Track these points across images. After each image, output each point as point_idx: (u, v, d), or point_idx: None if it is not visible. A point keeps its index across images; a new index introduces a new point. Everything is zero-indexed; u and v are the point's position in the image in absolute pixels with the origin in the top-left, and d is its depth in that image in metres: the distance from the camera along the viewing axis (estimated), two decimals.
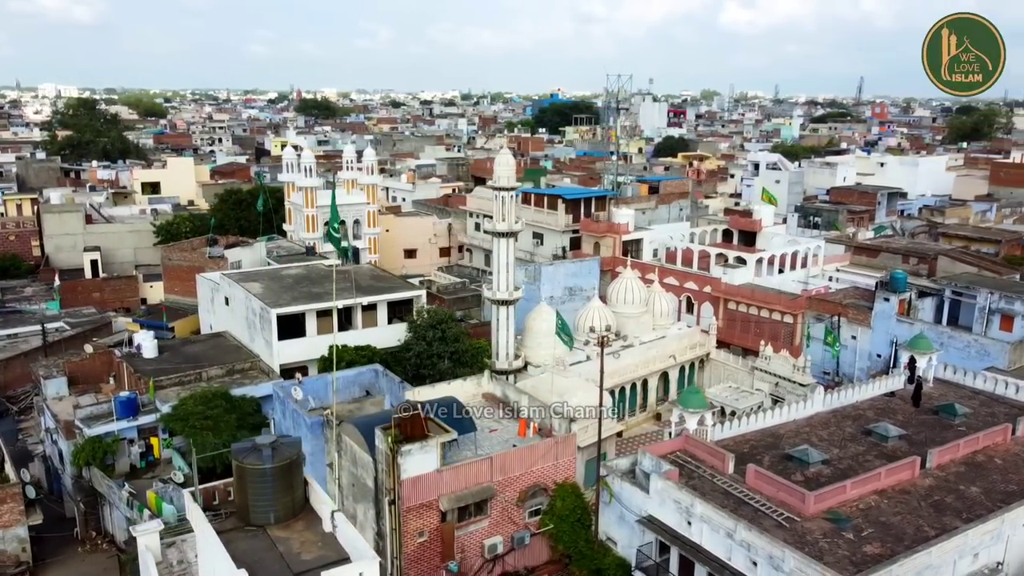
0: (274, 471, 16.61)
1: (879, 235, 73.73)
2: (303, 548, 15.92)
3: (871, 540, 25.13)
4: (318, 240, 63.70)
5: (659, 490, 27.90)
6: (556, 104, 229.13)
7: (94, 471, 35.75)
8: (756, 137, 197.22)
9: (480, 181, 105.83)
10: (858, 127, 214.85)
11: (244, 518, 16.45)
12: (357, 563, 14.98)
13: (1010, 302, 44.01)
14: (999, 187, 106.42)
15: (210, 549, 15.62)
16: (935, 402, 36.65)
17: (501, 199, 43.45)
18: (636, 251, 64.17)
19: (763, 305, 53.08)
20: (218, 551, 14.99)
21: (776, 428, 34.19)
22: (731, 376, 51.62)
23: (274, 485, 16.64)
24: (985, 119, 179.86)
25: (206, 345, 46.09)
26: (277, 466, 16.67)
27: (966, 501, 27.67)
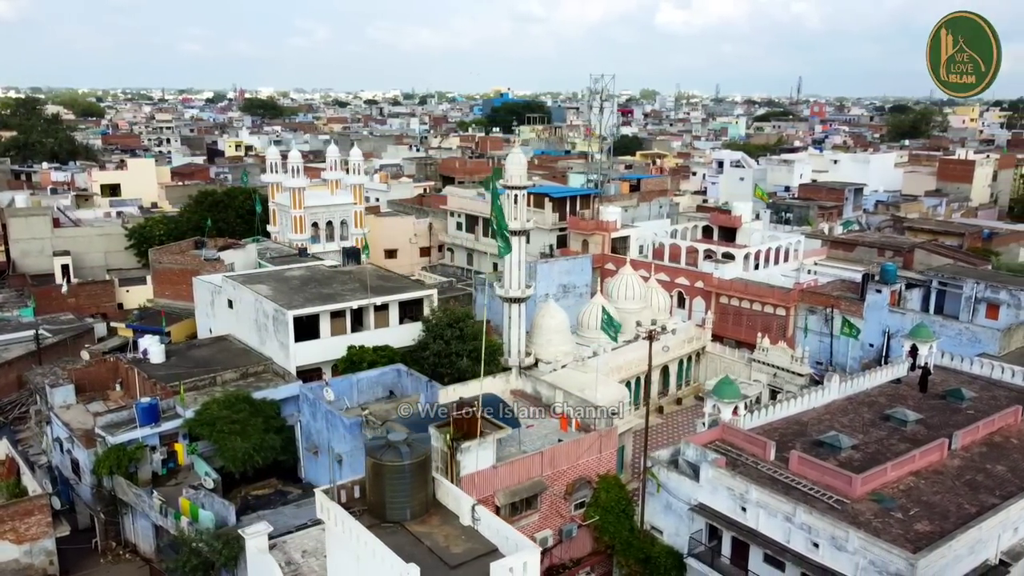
0: (411, 467, 16.76)
1: (847, 230, 76.40)
2: (448, 542, 16.12)
3: (919, 519, 26.43)
4: (306, 241, 63.08)
5: (711, 478, 28.73)
6: (508, 103, 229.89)
7: (118, 480, 34.92)
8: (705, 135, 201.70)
9: (448, 180, 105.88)
10: (800, 125, 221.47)
11: (379, 515, 16.55)
12: (520, 552, 15.28)
13: (995, 291, 46.39)
14: (946, 182, 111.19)
15: (360, 548, 15.67)
16: (939, 387, 38.48)
17: (513, 197, 43.82)
18: (623, 248, 65.22)
19: (756, 299, 54.64)
20: (376, 549, 15.07)
21: (799, 416, 35.45)
22: (727, 368, 52.86)
23: (411, 481, 16.79)
24: (922, 118, 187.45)
25: (212, 349, 45.30)
26: (414, 462, 16.83)
27: (995, 479, 29.27)
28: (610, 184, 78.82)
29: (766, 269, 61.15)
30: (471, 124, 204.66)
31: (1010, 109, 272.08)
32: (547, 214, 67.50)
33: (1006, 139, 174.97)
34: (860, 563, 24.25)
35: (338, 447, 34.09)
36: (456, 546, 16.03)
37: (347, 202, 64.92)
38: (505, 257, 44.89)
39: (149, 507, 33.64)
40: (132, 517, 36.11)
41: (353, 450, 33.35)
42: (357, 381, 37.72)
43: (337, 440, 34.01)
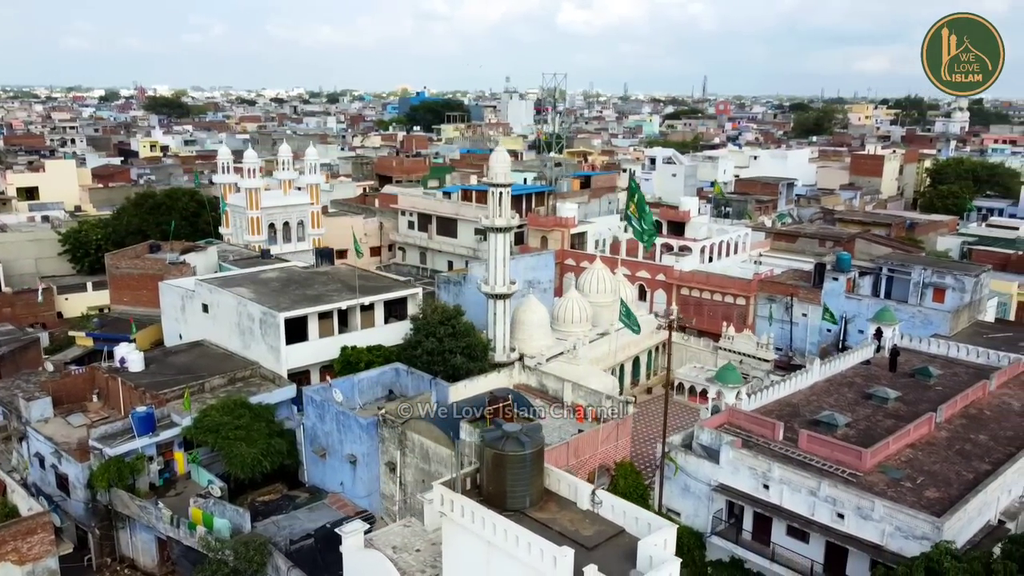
0: (531, 456, 17.17)
1: (781, 222, 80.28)
2: (575, 526, 16.63)
3: (926, 487, 28.56)
4: (263, 242, 61.74)
5: (731, 459, 30.15)
6: (426, 102, 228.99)
7: (118, 493, 33.69)
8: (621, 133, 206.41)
9: (385, 179, 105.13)
10: (710, 123, 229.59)
11: (499, 504, 16.89)
12: (661, 531, 15.98)
13: (941, 276, 49.95)
14: (859, 176, 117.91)
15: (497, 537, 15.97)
16: (906, 367, 41.29)
17: (497, 195, 44.35)
18: (581, 243, 66.62)
19: (717, 289, 56.93)
20: (521, 535, 15.41)
21: (788, 398, 37.40)
22: (693, 357, 55.08)
23: (531, 469, 17.21)
24: (825, 115, 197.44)
25: (191, 355, 43.96)
26: (534, 451, 17.25)
27: (981, 447, 31.86)
28: (562, 181, 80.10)
29: (718, 261, 63.76)
30: (391, 123, 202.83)
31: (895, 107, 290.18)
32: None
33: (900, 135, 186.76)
34: (886, 529, 26.08)
35: (352, 448, 34.04)
36: (585, 529, 16.58)
37: (304, 202, 63.84)
38: (490, 254, 45.50)
39: (156, 519, 32.62)
40: (130, 531, 34.91)
41: (369, 450, 33.34)
42: (358, 381, 37.50)
43: (352, 441, 33.84)
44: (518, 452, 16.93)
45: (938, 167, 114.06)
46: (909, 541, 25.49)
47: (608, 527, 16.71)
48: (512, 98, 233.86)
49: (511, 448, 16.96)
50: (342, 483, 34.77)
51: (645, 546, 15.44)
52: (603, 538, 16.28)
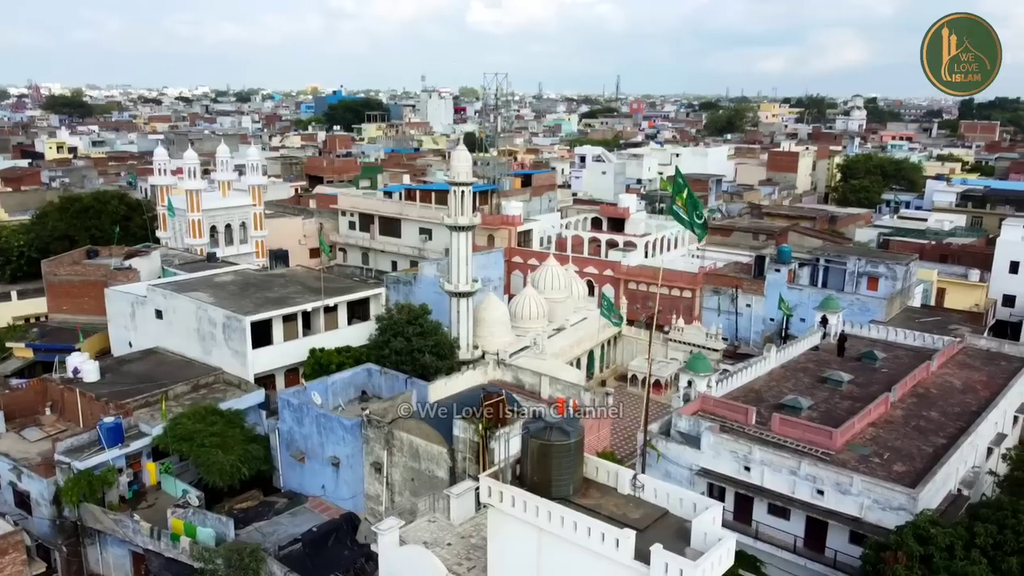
0: (575, 445, 17.69)
1: (712, 217, 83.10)
2: (620, 510, 17.21)
3: (893, 462, 30.52)
4: (205, 245, 60.05)
5: (712, 444, 31.44)
6: (345, 101, 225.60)
7: (88, 508, 32.45)
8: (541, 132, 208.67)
9: (315, 179, 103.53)
10: (626, 122, 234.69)
11: (544, 493, 17.32)
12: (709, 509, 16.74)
13: (875, 266, 53.04)
14: (775, 172, 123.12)
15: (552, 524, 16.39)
16: (851, 351, 43.74)
17: (460, 193, 44.65)
18: (527, 241, 67.44)
19: (664, 283, 58.64)
20: (579, 520, 15.88)
21: (750, 384, 39.12)
22: (644, 350, 56.63)
23: (575, 458, 17.72)
24: (737, 114, 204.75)
25: (147, 363, 42.55)
26: (577, 440, 17.78)
27: (934, 423, 34.18)
28: (504, 180, 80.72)
29: (660, 256, 65.65)
30: (309, 122, 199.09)
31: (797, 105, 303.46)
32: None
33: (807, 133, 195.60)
34: (864, 503, 27.80)
35: (335, 450, 33.83)
36: (631, 512, 17.20)
37: (246, 204, 62.38)
38: (452, 252, 45.79)
39: (133, 532, 31.61)
40: (100, 547, 33.66)
41: (353, 451, 33.20)
42: (332, 383, 37.19)
43: (334, 443, 33.61)
44: (564, 441, 17.45)
45: (848, 163, 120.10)
46: (886, 512, 27.25)
47: (653, 510, 17.43)
48: (431, 97, 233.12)
49: (557, 438, 17.47)
50: (323, 486, 34.45)
51: (699, 524, 16.23)
52: (650, 520, 16.98)
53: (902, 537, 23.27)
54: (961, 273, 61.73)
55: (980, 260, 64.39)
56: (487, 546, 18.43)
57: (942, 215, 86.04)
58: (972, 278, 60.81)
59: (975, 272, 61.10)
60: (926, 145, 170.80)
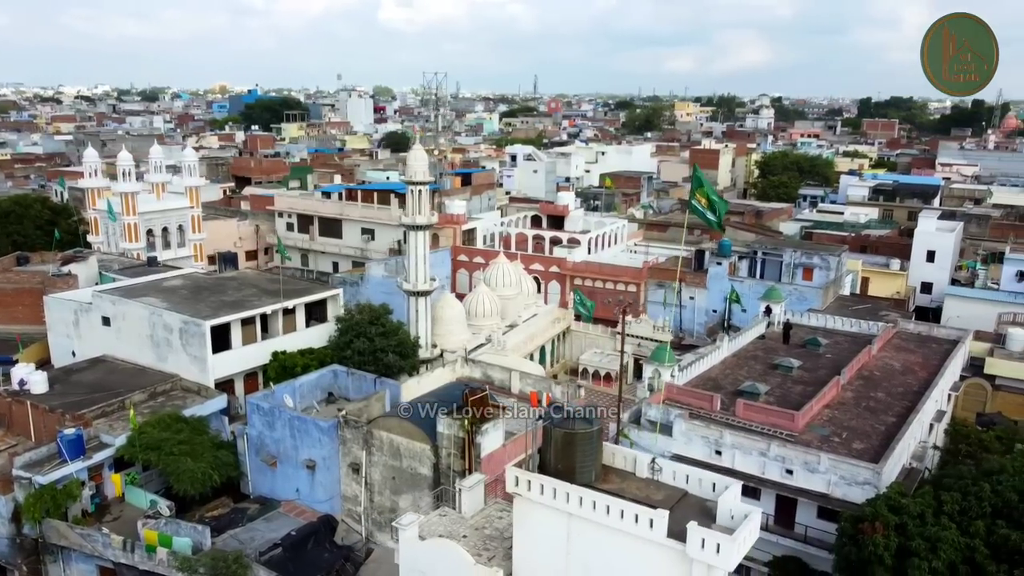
0: (597, 433, 18.26)
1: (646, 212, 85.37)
2: (643, 492, 17.87)
3: (851, 440, 32.41)
4: (141, 249, 58.07)
5: (684, 431, 32.64)
6: (262, 100, 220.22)
7: (52, 524, 31.20)
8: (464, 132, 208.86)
9: (242, 181, 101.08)
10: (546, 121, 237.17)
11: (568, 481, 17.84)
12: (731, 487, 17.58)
13: (809, 257, 55.72)
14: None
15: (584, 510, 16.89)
16: (795, 339, 45.93)
17: (418, 192, 44.71)
18: (470, 240, 67.79)
19: (610, 278, 60.08)
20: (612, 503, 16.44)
21: (707, 373, 40.69)
22: (593, 343, 57.94)
23: (597, 446, 18.28)
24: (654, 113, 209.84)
25: (96, 372, 41.00)
26: (598, 428, 18.35)
27: (882, 403, 36.36)
28: (445, 179, 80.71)
29: (602, 252, 67.15)
30: (226, 122, 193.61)
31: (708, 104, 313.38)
32: (393, 209, 67.95)
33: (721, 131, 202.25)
34: (832, 479, 29.46)
35: (310, 453, 33.54)
36: (654, 494, 17.90)
37: (184, 206, 60.57)
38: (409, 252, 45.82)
39: (104, 546, 30.58)
40: (63, 564, 32.41)
41: (329, 453, 33.01)
42: (299, 386, 36.78)
43: (309, 445, 33.31)
44: (587, 430, 18.04)
45: (766, 159, 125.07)
46: (852, 487, 28.96)
47: (673, 491, 18.22)
48: (351, 96, 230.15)
49: (581, 427, 18.05)
50: (298, 490, 34.08)
51: (724, 501, 17.11)
52: (673, 501, 17.76)
53: (876, 508, 24.83)
54: (883, 263, 65.41)
55: (896, 250, 68.42)
56: (512, 535, 18.86)
57: (857, 208, 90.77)
58: (893, 267, 64.51)
59: (896, 262, 64.86)
60: (832, 142, 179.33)
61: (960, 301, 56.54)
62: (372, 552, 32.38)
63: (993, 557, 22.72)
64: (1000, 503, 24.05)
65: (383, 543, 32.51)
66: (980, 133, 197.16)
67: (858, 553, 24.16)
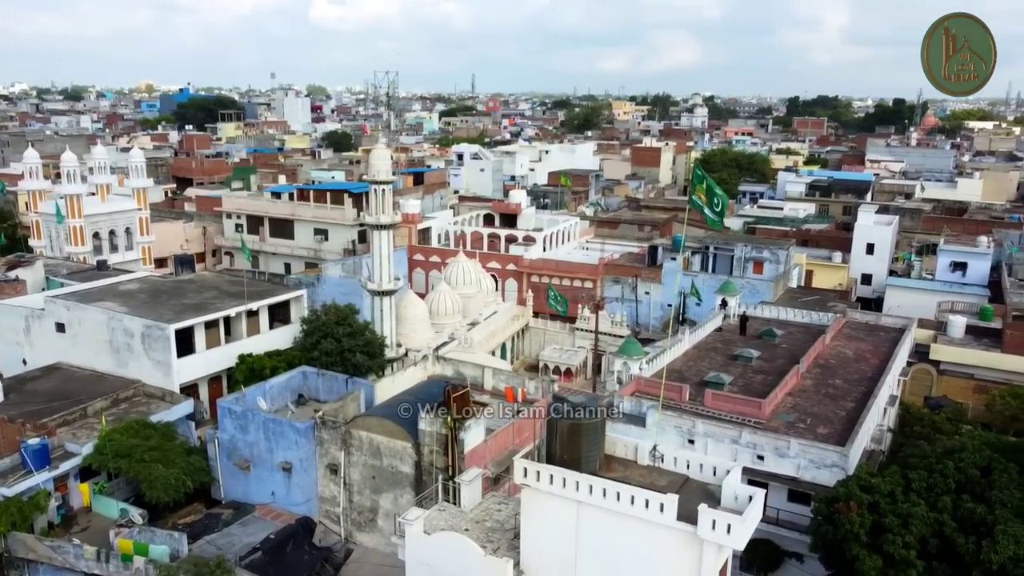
0: (600, 423, 18.73)
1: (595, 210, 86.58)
2: (647, 479, 18.42)
3: (816, 425, 33.74)
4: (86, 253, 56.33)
5: (656, 422, 33.41)
6: (196, 100, 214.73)
7: (19, 537, 30.21)
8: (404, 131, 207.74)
9: (183, 182, 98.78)
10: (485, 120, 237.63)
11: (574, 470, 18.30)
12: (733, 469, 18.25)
13: (759, 251, 57.50)
14: (640, 167, 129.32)
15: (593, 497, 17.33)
16: (751, 331, 47.42)
17: (382, 192, 44.61)
18: (425, 239, 67.75)
19: (567, 275, 60.84)
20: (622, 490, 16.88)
21: (671, 365, 41.71)
22: (552, 339, 58.73)
23: (600, 435, 18.74)
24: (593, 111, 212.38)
25: (52, 380, 39.73)
26: (601, 419, 18.83)
27: (840, 389, 37.91)
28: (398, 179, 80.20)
29: (556, 249, 67.91)
30: (158, 122, 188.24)
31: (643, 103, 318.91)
32: (347, 209, 67.45)
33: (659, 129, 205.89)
34: (801, 463, 30.67)
35: (286, 455, 33.29)
36: (658, 480, 18.47)
37: (131, 208, 58.94)
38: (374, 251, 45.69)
39: (76, 557, 29.77)
40: None
41: (306, 455, 32.82)
42: (270, 388, 36.40)
43: (285, 448, 33.04)
44: (592, 420, 18.53)
45: (705, 157, 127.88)
46: (821, 470, 30.21)
47: (675, 477, 18.87)
48: (288, 95, 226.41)
49: (586, 417, 18.53)
50: (273, 493, 33.76)
51: (728, 485, 17.82)
52: (677, 486, 18.40)
53: (849, 488, 26.00)
54: (826, 256, 67.89)
55: (835, 243, 71.15)
56: (516, 525, 19.21)
57: (795, 204, 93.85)
58: (836, 260, 67.03)
59: (837, 254, 67.41)
60: (765, 140, 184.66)
61: (900, 291, 59.14)
62: (352, 552, 32.33)
63: (960, 530, 24.07)
64: (963, 479, 25.45)
65: (362, 543, 32.55)
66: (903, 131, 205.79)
67: (835, 532, 25.26)
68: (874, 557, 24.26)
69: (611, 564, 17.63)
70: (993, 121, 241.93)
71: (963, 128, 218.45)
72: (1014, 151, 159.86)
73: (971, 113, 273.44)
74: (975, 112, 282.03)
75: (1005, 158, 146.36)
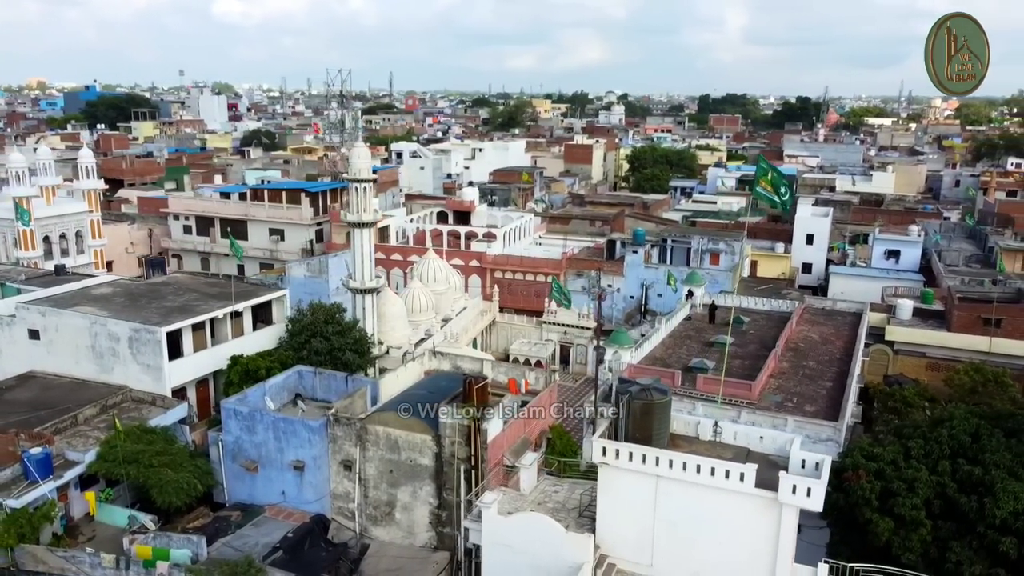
0: (669, 402, 19.83)
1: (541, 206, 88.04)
2: (713, 452, 19.61)
3: (803, 404, 35.98)
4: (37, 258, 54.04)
5: None
6: (106, 98, 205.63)
7: (28, 549, 29.25)
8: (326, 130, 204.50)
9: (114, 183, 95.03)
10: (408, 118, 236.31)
11: None
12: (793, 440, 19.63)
13: (715, 243, 60.06)
14: (572, 164, 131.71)
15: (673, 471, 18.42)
16: (718, 318, 49.69)
17: (363, 190, 44.67)
18: (385, 237, 67.65)
19: (530, 270, 62.01)
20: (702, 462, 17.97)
21: (652, 353, 43.51)
22: (519, 333, 59.87)
23: (668, 414, 19.84)
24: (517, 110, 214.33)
25: (28, 389, 38.27)
26: (670, 399, 19.93)
27: (814, 370, 40.40)
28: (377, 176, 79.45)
29: (512, 245, 68.98)
30: (66, 121, 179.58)
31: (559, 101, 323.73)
32: (304, 209, 66.70)
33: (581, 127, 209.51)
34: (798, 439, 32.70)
35: (298, 454, 33.28)
36: (724, 453, 19.70)
37: (82, 210, 56.81)
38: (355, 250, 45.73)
39: (92, 567, 29.06)
40: None
41: (319, 453, 32.90)
42: (269, 388, 36.17)
43: (297, 446, 32.99)
44: (663, 400, 19.68)
45: (635, 153, 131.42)
46: (817, 444, 32.25)
47: (738, 449, 20.22)
48: (203, 93, 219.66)
49: (657, 397, 19.65)
50: (283, 492, 33.62)
51: (795, 453, 19.27)
52: (742, 458, 19.76)
53: (854, 458, 28.05)
54: (769, 247, 71.24)
55: (772, 235, 74.72)
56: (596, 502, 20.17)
57: (727, 198, 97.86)
58: (779, 250, 70.45)
59: (780, 245, 70.85)
60: (684, 136, 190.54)
61: (843, 278, 62.76)
62: (368, 547, 32.60)
63: (961, 491, 26.37)
64: (956, 445, 27.83)
65: (378, 537, 32.86)
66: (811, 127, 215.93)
67: (846, 499, 27.21)
68: (886, 519, 26.31)
69: (689, 534, 18.85)
70: (889, 118, 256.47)
71: (864, 125, 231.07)
72: (914, 146, 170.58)
73: (868, 110, 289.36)
74: (872, 109, 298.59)
75: (906, 152, 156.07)
